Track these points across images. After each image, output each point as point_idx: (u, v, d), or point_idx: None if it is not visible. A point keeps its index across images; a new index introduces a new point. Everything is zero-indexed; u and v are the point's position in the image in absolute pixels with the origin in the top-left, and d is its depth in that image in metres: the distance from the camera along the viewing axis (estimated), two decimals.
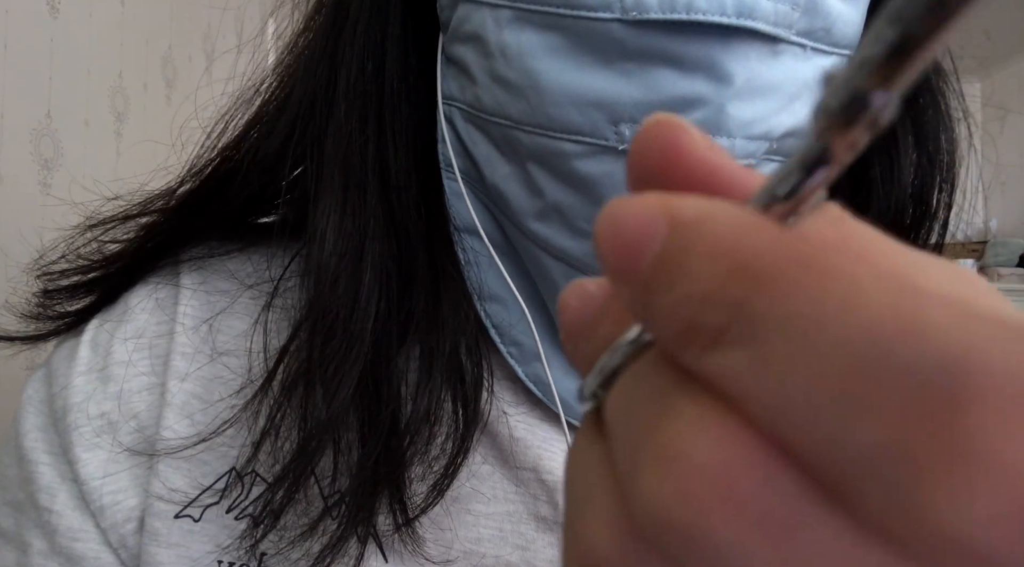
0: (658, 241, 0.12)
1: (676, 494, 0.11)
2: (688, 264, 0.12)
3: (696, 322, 0.12)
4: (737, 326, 0.11)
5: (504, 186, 0.34)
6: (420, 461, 0.34)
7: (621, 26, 0.29)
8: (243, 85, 0.40)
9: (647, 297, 0.13)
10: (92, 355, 0.38)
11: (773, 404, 0.11)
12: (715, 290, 0.12)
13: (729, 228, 0.12)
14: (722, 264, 0.12)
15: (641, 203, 0.13)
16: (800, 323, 0.11)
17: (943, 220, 0.41)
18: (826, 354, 0.10)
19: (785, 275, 0.11)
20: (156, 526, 0.35)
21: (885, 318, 0.10)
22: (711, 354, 0.12)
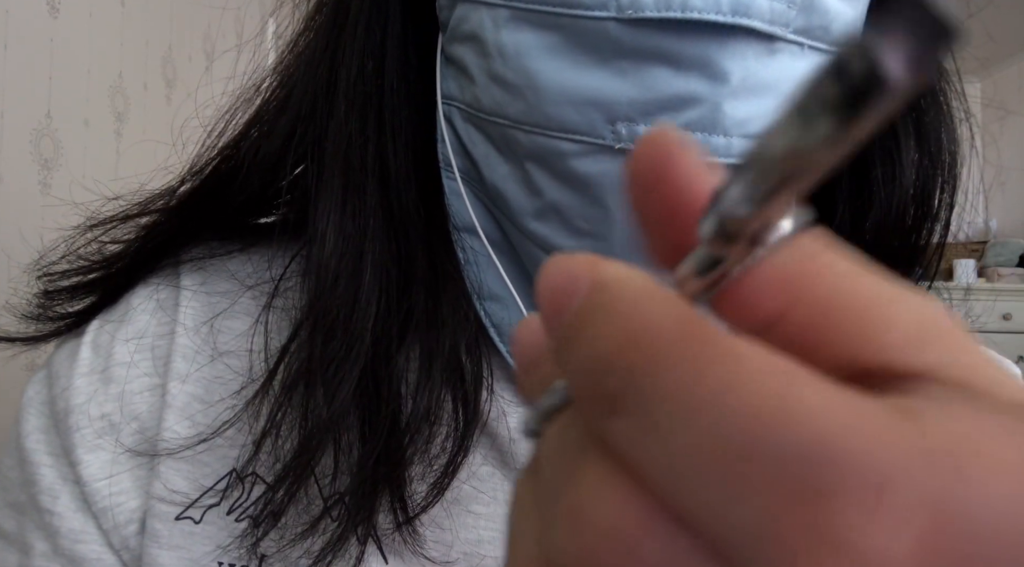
0: (577, 298, 0.13)
1: (581, 553, 0.12)
2: (593, 325, 0.12)
3: (596, 385, 0.12)
4: (629, 395, 0.12)
5: (503, 185, 0.34)
6: (420, 460, 0.34)
7: (617, 25, 0.29)
8: (243, 85, 0.40)
9: (561, 351, 0.13)
10: (93, 356, 0.38)
11: (662, 474, 0.11)
12: (611, 355, 0.12)
13: (634, 295, 0.12)
14: (620, 329, 0.12)
15: (574, 260, 0.13)
16: (681, 400, 0.11)
17: (945, 220, 0.40)
18: (703, 434, 0.11)
19: (672, 350, 0.11)
20: (157, 528, 0.35)
21: (757, 402, 0.11)
22: (608, 420, 0.12)
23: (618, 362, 0.12)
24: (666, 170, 0.14)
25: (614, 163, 0.31)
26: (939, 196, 0.40)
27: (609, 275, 0.13)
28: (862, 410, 0.11)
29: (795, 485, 0.10)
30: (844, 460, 0.10)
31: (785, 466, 0.10)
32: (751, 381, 0.11)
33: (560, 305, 0.13)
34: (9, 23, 1.04)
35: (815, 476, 0.10)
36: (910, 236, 0.40)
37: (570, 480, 0.13)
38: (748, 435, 0.10)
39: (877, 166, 0.39)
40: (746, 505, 0.10)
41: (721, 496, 0.11)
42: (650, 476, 0.11)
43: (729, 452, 0.11)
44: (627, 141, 0.30)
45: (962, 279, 3.01)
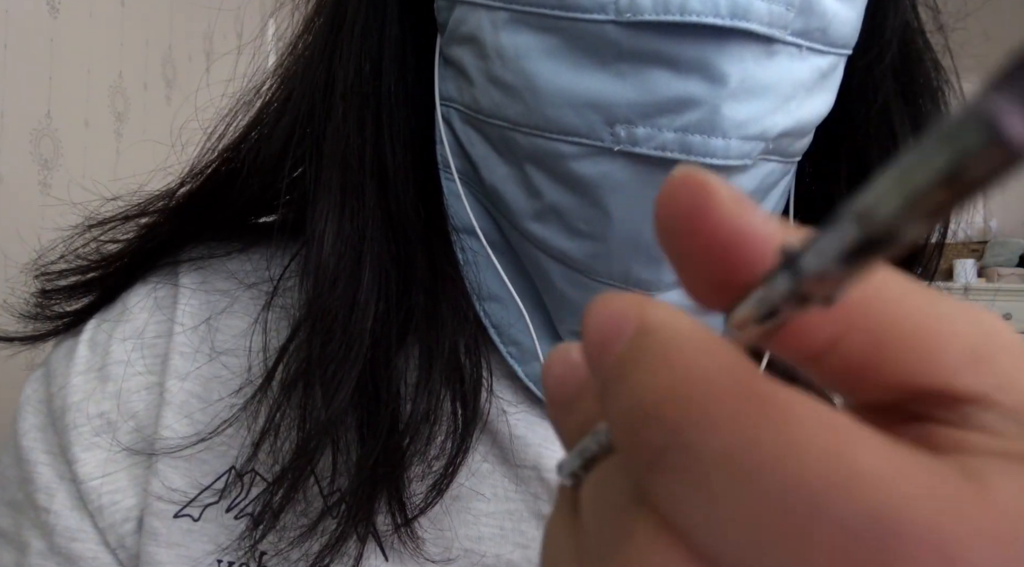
0: (623, 342, 0.12)
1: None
2: (636, 373, 0.12)
3: (637, 436, 0.11)
4: (674, 451, 0.11)
5: (502, 187, 0.34)
6: (419, 461, 0.34)
7: (616, 27, 0.29)
8: (243, 86, 0.40)
9: (604, 396, 0.12)
10: (90, 355, 0.38)
11: (709, 538, 0.11)
12: (654, 406, 0.11)
13: (682, 342, 0.12)
14: (664, 379, 0.11)
15: (622, 299, 0.13)
16: (733, 463, 0.11)
17: (944, 220, 0.41)
18: (758, 500, 0.10)
19: (723, 406, 0.11)
20: (155, 526, 0.35)
21: (819, 466, 0.10)
22: (651, 473, 0.11)
23: (662, 414, 0.11)
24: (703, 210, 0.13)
25: (613, 165, 0.31)
26: None
27: (657, 318, 0.12)
28: (926, 476, 0.10)
29: (854, 555, 0.10)
30: (911, 532, 0.10)
31: (849, 536, 0.10)
32: (808, 444, 0.10)
33: (605, 345, 0.12)
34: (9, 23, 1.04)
35: (876, 546, 0.10)
36: None
37: (619, 535, 0.12)
38: (806, 503, 0.10)
39: (875, 165, 0.39)
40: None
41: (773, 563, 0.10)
42: (696, 538, 0.11)
43: (787, 520, 0.10)
44: (626, 143, 0.30)
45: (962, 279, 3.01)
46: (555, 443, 0.37)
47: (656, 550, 0.11)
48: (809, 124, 0.33)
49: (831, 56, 0.32)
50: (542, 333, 0.36)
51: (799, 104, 0.32)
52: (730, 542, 0.11)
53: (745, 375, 0.11)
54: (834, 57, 0.33)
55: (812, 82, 0.32)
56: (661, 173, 0.30)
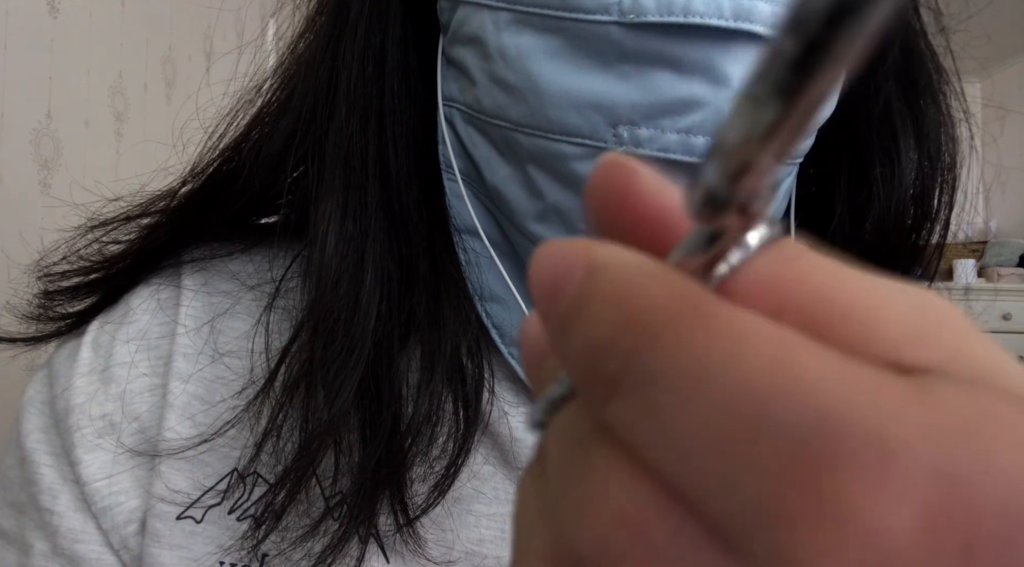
0: (573, 284, 0.13)
1: (594, 540, 0.12)
2: (589, 310, 0.12)
3: (594, 369, 0.12)
4: (630, 375, 0.11)
5: (504, 188, 0.34)
6: (421, 462, 0.34)
7: (619, 29, 0.29)
8: (244, 86, 0.40)
9: (559, 338, 0.13)
10: (94, 356, 0.38)
11: (665, 455, 0.11)
12: (610, 338, 0.12)
13: (630, 276, 0.12)
14: (618, 312, 0.12)
15: (566, 245, 0.13)
16: (683, 377, 0.11)
17: (944, 220, 0.41)
18: (707, 409, 0.11)
19: (674, 327, 0.11)
20: (158, 527, 0.35)
21: (762, 375, 0.10)
22: (608, 404, 0.12)
23: (617, 344, 0.12)
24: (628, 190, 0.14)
25: None
26: (938, 196, 0.40)
27: (603, 257, 0.13)
28: (870, 380, 0.10)
29: (798, 457, 0.10)
30: (849, 430, 0.10)
31: (788, 438, 0.10)
32: (753, 354, 0.11)
33: (555, 292, 0.13)
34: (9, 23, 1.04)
35: (819, 447, 0.10)
36: (910, 236, 0.40)
37: (579, 469, 0.12)
38: (751, 409, 0.10)
39: (876, 166, 0.39)
40: (747, 481, 0.10)
41: (723, 473, 0.10)
42: (653, 459, 0.11)
43: (731, 427, 0.10)
44: (629, 144, 0.30)
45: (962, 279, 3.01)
46: None
47: (615, 477, 0.12)
48: (811, 126, 0.33)
49: None
50: None
51: None
52: (680, 456, 0.11)
53: (691, 296, 0.12)
54: None
55: None
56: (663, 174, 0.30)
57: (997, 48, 3.08)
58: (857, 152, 0.39)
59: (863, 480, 0.10)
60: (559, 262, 0.13)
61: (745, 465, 0.10)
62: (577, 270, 0.13)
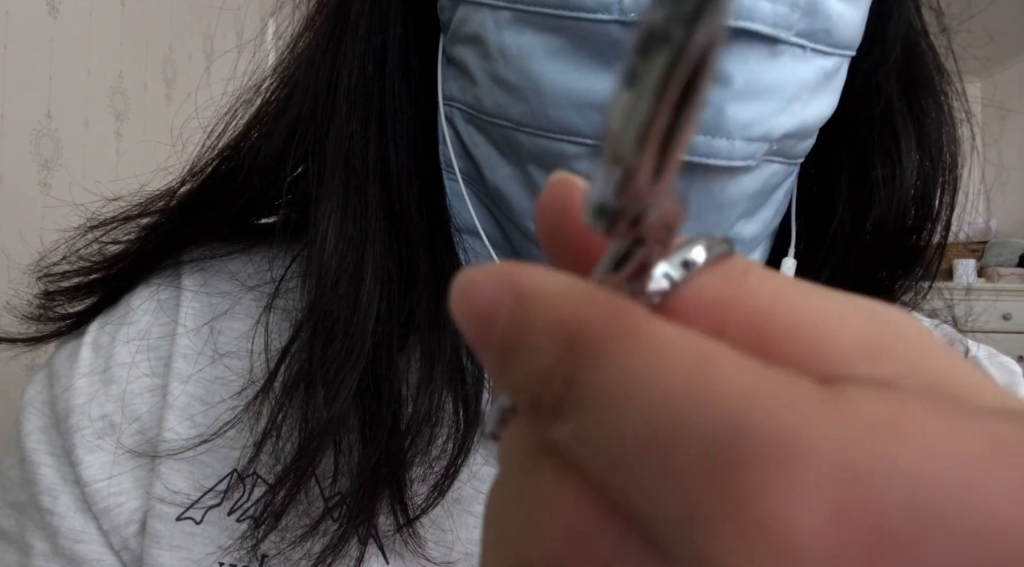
0: (503, 315, 0.13)
1: (545, 557, 0.12)
2: (528, 339, 0.12)
3: (538, 396, 0.12)
4: (570, 398, 0.12)
5: (505, 187, 0.34)
6: (421, 462, 0.34)
7: (620, 28, 0.29)
8: (243, 85, 0.40)
9: (498, 371, 0.13)
10: (94, 357, 0.38)
11: (604, 471, 0.11)
12: (551, 365, 0.12)
13: (562, 300, 0.12)
14: (556, 337, 0.12)
15: (488, 274, 0.13)
16: (612, 395, 0.11)
17: (945, 221, 0.40)
18: (633, 423, 0.11)
19: (603, 347, 0.12)
20: (158, 528, 0.35)
21: (680, 385, 0.11)
22: (552, 426, 0.12)
23: (556, 371, 0.12)
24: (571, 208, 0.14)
25: None
26: (939, 197, 0.40)
27: (530, 284, 0.13)
28: (783, 386, 0.11)
29: (713, 462, 0.10)
30: (758, 433, 0.10)
31: (704, 444, 0.10)
32: (672, 366, 0.11)
33: (485, 325, 0.13)
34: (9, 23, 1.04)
35: (730, 450, 0.10)
36: (910, 237, 0.40)
37: (527, 485, 0.13)
38: (670, 418, 0.11)
39: (877, 166, 0.39)
40: (671, 488, 0.11)
41: (652, 483, 0.11)
42: (595, 475, 0.12)
43: (654, 438, 0.11)
44: None
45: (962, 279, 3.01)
46: None
47: (562, 494, 0.12)
48: (813, 125, 0.33)
49: (835, 57, 0.32)
50: None
51: (803, 105, 0.32)
52: (616, 470, 0.11)
53: (619, 314, 0.12)
54: (838, 58, 0.33)
55: (816, 83, 0.32)
56: None
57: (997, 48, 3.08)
58: (858, 152, 0.39)
59: (770, 481, 0.10)
60: (484, 293, 0.13)
61: (669, 473, 0.11)
62: (505, 299, 0.13)
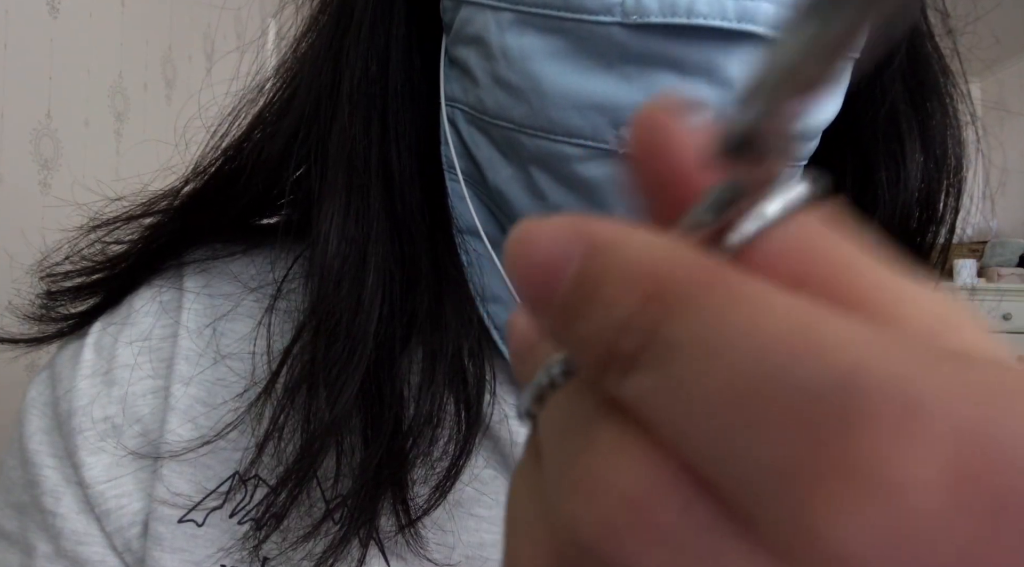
0: (572, 267, 0.12)
1: (597, 522, 0.11)
2: (604, 290, 0.12)
3: (612, 349, 0.12)
4: (649, 350, 0.11)
5: (506, 188, 0.34)
6: (422, 463, 0.34)
7: (622, 30, 0.29)
8: (246, 86, 0.40)
9: (563, 323, 0.12)
10: (96, 358, 0.38)
11: (681, 428, 0.11)
12: (630, 315, 0.11)
13: (645, 251, 0.12)
14: (637, 289, 0.12)
15: (553, 226, 0.13)
16: (702, 346, 0.11)
17: (950, 223, 0.40)
18: (725, 376, 0.10)
19: (693, 298, 0.11)
20: (160, 531, 0.35)
21: (782, 338, 0.10)
22: (626, 380, 0.12)
23: (635, 321, 0.11)
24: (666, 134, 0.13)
25: (618, 167, 0.31)
26: (944, 199, 0.40)
27: (605, 236, 0.12)
28: (898, 341, 0.10)
29: (821, 417, 0.10)
30: (873, 385, 0.10)
31: (812, 398, 0.10)
32: (775, 318, 0.10)
33: (549, 278, 0.12)
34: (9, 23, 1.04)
35: (842, 405, 0.10)
36: (914, 238, 0.40)
37: (581, 450, 0.12)
38: (772, 371, 0.10)
39: (882, 168, 0.39)
40: (767, 445, 0.10)
41: (741, 440, 0.10)
42: (668, 433, 0.11)
43: (751, 392, 0.10)
44: None
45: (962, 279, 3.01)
46: None
47: (619, 455, 0.11)
48: (815, 128, 0.33)
49: None
50: None
51: None
52: (696, 426, 0.11)
53: (706, 267, 0.11)
54: None
55: None
56: None
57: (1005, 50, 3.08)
58: (862, 154, 0.39)
59: (887, 436, 0.09)
60: (548, 244, 0.13)
61: (765, 430, 0.10)
62: (573, 251, 0.12)
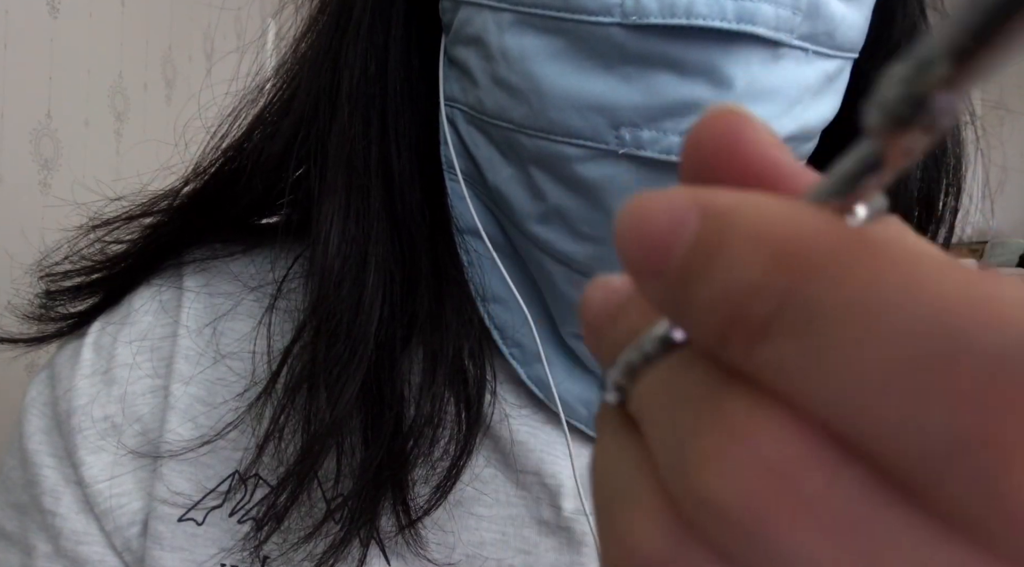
0: (689, 231, 0.12)
1: (740, 492, 0.11)
2: (728, 252, 0.11)
3: (739, 314, 0.11)
4: (786, 315, 0.11)
5: (506, 188, 0.34)
6: (423, 463, 0.34)
7: (622, 30, 0.29)
8: (246, 86, 0.40)
9: (680, 291, 0.12)
10: (95, 357, 0.38)
11: (832, 397, 0.10)
12: (760, 278, 0.11)
13: (772, 214, 0.11)
14: (766, 250, 0.11)
15: (668, 195, 0.12)
16: (858, 310, 0.10)
17: (949, 223, 0.40)
18: (890, 342, 0.10)
19: (838, 260, 0.10)
20: (159, 529, 0.35)
21: (955, 301, 0.10)
22: (758, 347, 0.11)
23: (768, 284, 0.11)
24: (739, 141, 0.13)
25: (618, 168, 0.31)
26: (944, 199, 0.40)
27: (725, 201, 0.12)
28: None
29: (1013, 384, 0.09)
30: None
31: (999, 362, 0.09)
32: (942, 282, 0.10)
33: (664, 243, 0.12)
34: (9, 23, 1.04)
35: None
36: None
37: (707, 421, 0.11)
38: (949, 335, 0.09)
39: None
40: (943, 415, 0.09)
41: (911, 411, 0.10)
42: (814, 404, 0.10)
43: (925, 359, 0.09)
44: (631, 146, 0.30)
45: None
46: (557, 448, 0.37)
47: (757, 425, 0.11)
48: (815, 128, 0.33)
49: (838, 60, 0.32)
50: (545, 335, 0.36)
51: (805, 108, 0.32)
52: (851, 397, 0.10)
53: (845, 228, 0.11)
54: (841, 61, 0.33)
55: (818, 86, 0.32)
56: (666, 176, 0.30)
57: None
58: None
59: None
60: (662, 211, 0.12)
61: (942, 398, 0.09)
62: (690, 216, 0.12)
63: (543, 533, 0.36)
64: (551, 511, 0.36)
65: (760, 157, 0.13)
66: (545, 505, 0.36)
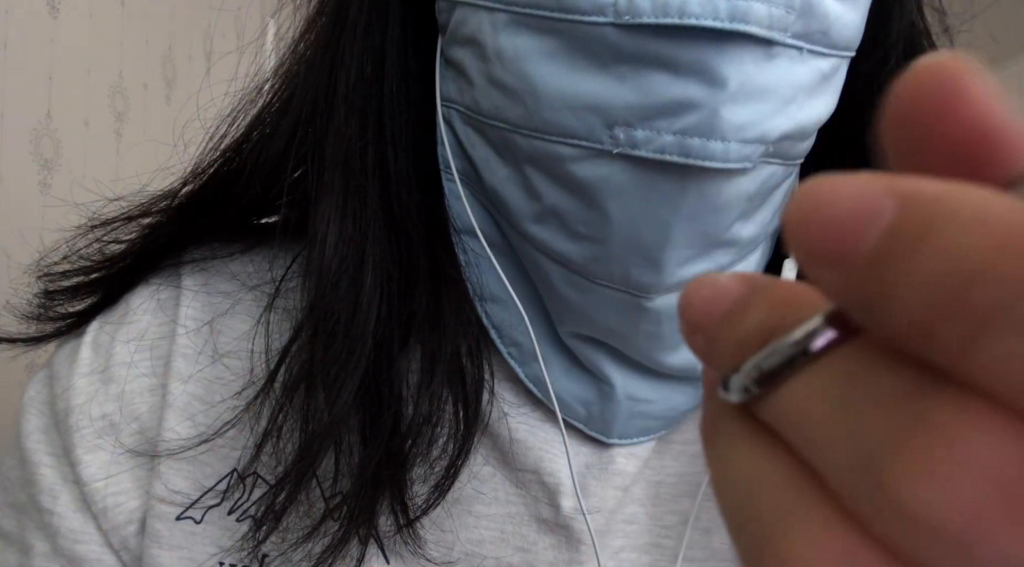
0: (886, 216, 0.11)
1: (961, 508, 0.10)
2: (945, 236, 0.10)
3: (955, 305, 0.10)
4: (1017, 307, 0.09)
5: (502, 188, 0.34)
6: (421, 462, 0.34)
7: (615, 30, 0.29)
8: (245, 86, 0.40)
9: (874, 280, 0.11)
10: (94, 356, 0.38)
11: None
12: (983, 265, 0.10)
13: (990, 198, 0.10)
14: (993, 234, 0.10)
15: (857, 179, 0.11)
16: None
17: None
18: None
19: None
20: (158, 528, 0.35)
21: None
22: (978, 342, 0.10)
23: (993, 272, 0.10)
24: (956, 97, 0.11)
25: (612, 168, 0.31)
26: None
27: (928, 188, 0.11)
28: None
29: None
30: None
31: None
32: None
33: (854, 228, 0.11)
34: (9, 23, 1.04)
35: None
36: None
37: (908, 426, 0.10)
38: None
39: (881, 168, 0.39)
40: None
41: None
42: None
43: None
44: (625, 146, 0.30)
45: None
46: (556, 446, 0.37)
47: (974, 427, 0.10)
48: (810, 127, 0.33)
49: (833, 58, 0.32)
50: (541, 335, 0.37)
51: (799, 107, 0.32)
52: None
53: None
54: (836, 59, 0.33)
55: (813, 85, 0.32)
56: (660, 176, 0.30)
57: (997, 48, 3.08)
58: (861, 153, 0.39)
59: None
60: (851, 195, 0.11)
61: None
62: (885, 201, 0.11)
63: (542, 531, 0.36)
64: (550, 509, 0.36)
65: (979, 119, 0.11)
66: (543, 503, 0.36)
